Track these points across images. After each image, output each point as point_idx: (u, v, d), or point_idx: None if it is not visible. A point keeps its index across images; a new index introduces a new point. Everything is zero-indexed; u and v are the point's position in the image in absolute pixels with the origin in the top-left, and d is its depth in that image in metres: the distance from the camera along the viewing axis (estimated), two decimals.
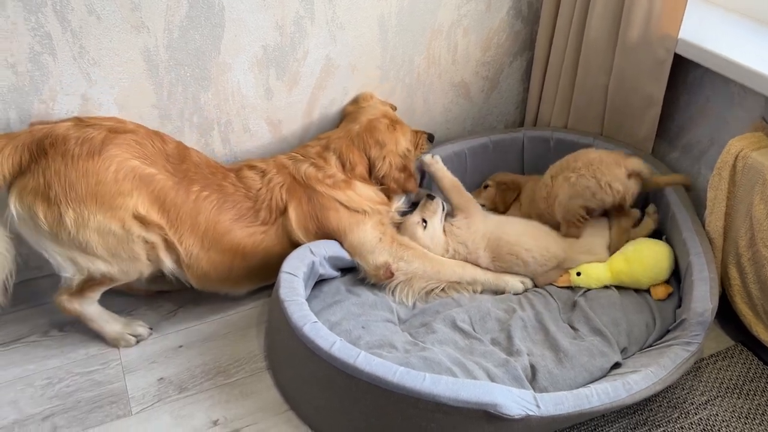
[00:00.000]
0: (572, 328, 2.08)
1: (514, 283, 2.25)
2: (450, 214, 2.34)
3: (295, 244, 2.13)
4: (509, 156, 2.61)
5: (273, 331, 2.05)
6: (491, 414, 1.58)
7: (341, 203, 2.18)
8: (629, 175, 2.15)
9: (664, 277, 2.13)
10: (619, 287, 2.18)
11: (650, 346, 2.02)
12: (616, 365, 1.95)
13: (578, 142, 2.55)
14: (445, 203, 2.34)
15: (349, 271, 2.26)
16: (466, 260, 2.26)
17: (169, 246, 1.99)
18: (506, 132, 2.64)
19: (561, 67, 2.54)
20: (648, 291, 2.16)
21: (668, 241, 2.21)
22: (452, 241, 2.26)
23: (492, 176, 2.60)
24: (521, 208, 2.46)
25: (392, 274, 2.17)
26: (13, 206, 1.79)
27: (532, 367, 1.93)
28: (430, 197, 2.33)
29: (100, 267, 1.93)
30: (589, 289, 2.18)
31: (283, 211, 2.13)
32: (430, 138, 2.48)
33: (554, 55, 2.55)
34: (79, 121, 1.88)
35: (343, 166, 2.23)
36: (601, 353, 1.95)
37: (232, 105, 2.26)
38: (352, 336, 2.01)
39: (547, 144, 2.61)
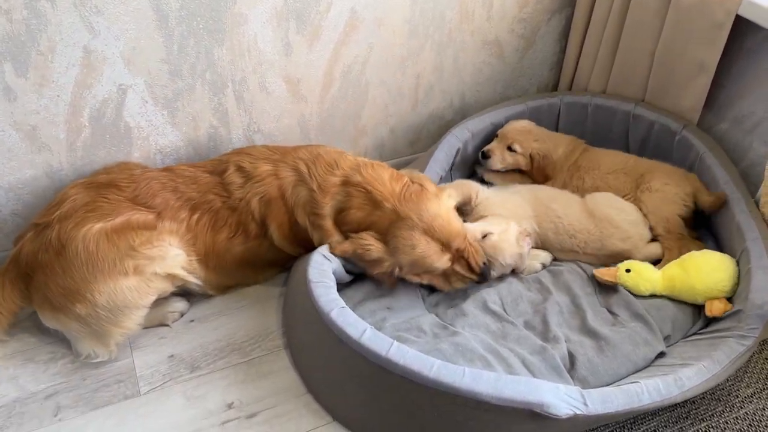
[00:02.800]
0: (610, 312, 1.95)
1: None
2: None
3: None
4: (544, 123, 2.41)
5: (294, 311, 1.91)
6: (537, 413, 1.45)
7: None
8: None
9: (725, 288, 1.86)
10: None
11: (695, 334, 1.90)
12: (661, 354, 1.82)
13: (618, 109, 2.38)
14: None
15: None
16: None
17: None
18: (543, 97, 2.45)
19: (604, 25, 2.34)
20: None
21: (718, 224, 2.05)
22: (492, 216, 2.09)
23: (514, 130, 2.33)
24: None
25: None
26: (47, 324, 1.86)
27: (571, 355, 1.80)
28: None
29: (139, 315, 1.86)
30: (636, 295, 1.95)
31: (267, 225, 1.96)
32: None
33: (597, 12, 2.35)
34: (36, 227, 1.83)
35: (339, 212, 1.91)
36: (644, 342, 1.82)
37: (248, 61, 2.06)
38: (377, 317, 1.88)
39: (585, 110, 2.44)
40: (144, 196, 1.86)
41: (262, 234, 1.98)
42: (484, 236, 1.97)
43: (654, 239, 2.11)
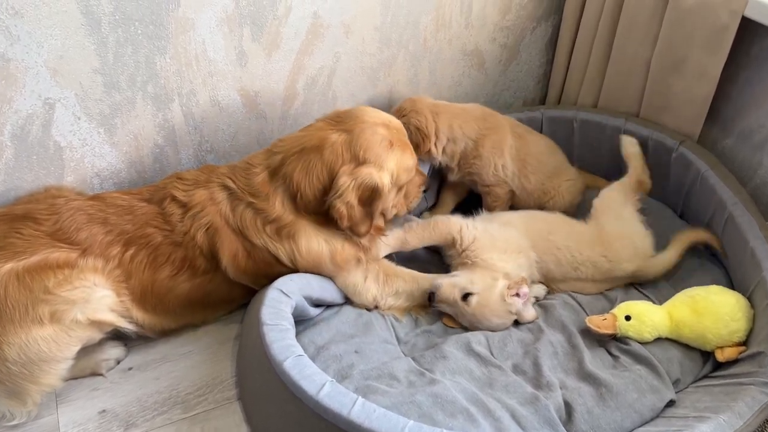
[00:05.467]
0: (609, 354, 1.72)
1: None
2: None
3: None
4: None
5: (247, 357, 1.66)
6: None
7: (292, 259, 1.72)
8: None
9: (740, 340, 1.66)
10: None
11: (706, 377, 1.67)
12: (670, 403, 1.60)
13: (607, 124, 2.19)
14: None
15: None
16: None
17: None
18: (521, 111, 2.25)
19: (594, 34, 2.18)
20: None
21: (728, 252, 1.83)
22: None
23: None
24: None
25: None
26: None
27: (567, 405, 1.58)
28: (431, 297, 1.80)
29: (60, 369, 1.59)
30: (643, 342, 1.71)
31: (218, 259, 1.71)
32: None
33: (587, 18, 2.19)
34: None
35: (294, 199, 1.69)
36: (651, 388, 1.60)
37: (196, 71, 1.84)
38: (343, 364, 1.64)
39: (570, 126, 2.23)
40: (66, 230, 1.61)
41: (213, 269, 1.73)
42: (464, 297, 1.75)
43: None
